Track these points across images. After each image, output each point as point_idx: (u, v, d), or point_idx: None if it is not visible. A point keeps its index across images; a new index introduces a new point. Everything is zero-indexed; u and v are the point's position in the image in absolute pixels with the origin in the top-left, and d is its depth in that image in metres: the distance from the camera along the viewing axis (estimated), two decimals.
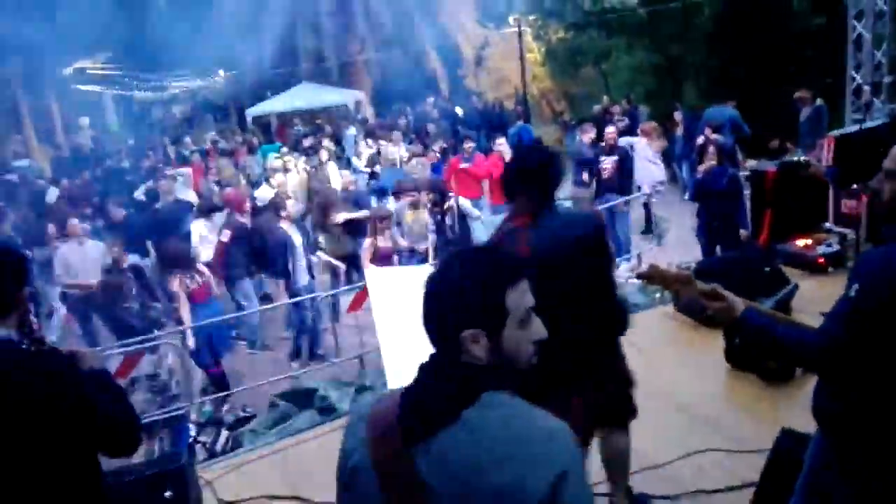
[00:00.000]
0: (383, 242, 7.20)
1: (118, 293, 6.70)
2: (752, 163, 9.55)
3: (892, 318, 1.81)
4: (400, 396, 1.41)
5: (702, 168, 7.65)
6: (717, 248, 7.42)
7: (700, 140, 9.52)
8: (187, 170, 12.14)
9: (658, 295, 6.32)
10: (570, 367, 2.67)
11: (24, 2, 17.39)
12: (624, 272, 8.38)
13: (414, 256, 7.75)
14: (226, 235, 7.86)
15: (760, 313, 2.06)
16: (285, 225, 7.60)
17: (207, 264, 7.15)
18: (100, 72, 22.58)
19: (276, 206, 7.87)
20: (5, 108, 19.18)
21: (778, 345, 2.00)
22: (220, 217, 8.30)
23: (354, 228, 8.13)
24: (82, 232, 7.74)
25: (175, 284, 6.41)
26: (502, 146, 9.71)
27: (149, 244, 8.35)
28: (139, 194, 10.42)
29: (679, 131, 12.07)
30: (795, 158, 7.16)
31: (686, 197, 8.99)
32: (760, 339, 2.04)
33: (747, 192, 7.23)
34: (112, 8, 17.71)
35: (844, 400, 1.98)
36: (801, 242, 6.31)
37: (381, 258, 7.07)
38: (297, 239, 7.53)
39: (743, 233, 7.10)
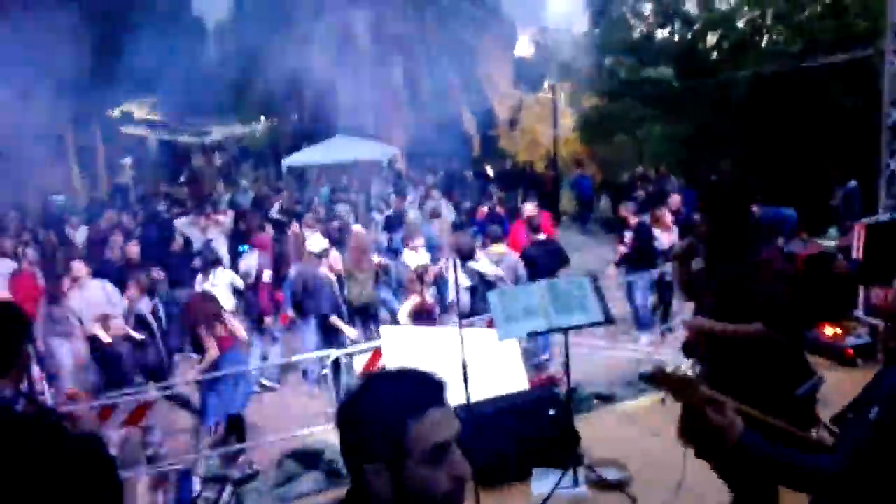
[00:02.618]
0: (426, 299, 7.13)
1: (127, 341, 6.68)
2: (780, 242, 9.39)
3: None
4: None
5: None
6: None
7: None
8: (224, 217, 12.31)
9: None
10: None
11: (79, 40, 18.23)
12: (644, 345, 8.25)
13: (445, 312, 7.67)
14: (267, 275, 8.11)
15: (760, 437, 1.92)
16: (327, 271, 7.71)
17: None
18: (146, 116, 23.40)
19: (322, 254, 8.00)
20: (53, 141, 19.86)
21: (786, 471, 1.87)
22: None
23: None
24: (83, 275, 7.50)
25: (206, 340, 6.14)
26: (531, 210, 9.67)
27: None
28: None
29: None
30: (827, 242, 7.05)
31: None
32: (765, 464, 1.93)
33: None
34: (161, 54, 18.44)
35: None
36: (829, 331, 6.13)
37: (425, 315, 6.99)
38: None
39: None
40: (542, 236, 8.66)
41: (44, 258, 9.60)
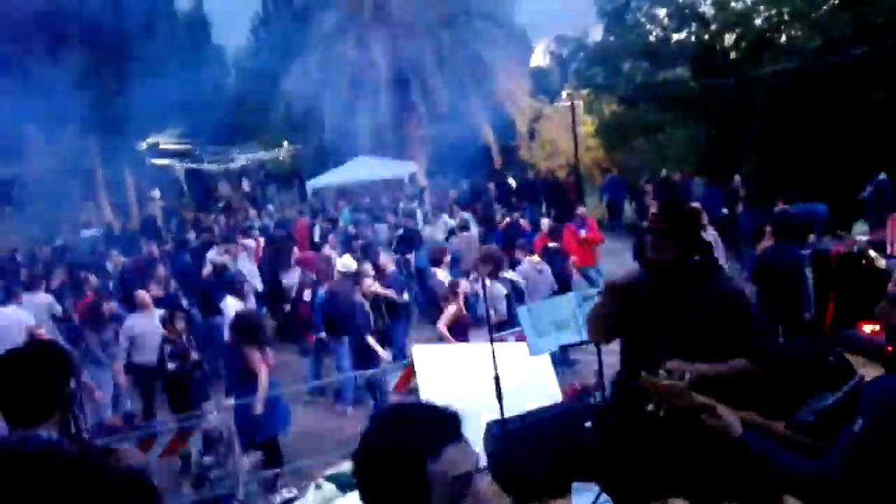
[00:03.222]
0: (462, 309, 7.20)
1: (184, 360, 6.81)
2: (811, 238, 9.22)
3: None
4: None
5: (759, 247, 7.47)
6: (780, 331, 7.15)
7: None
8: (252, 242, 12.48)
9: None
10: None
11: (103, 76, 18.69)
12: None
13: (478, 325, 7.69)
14: (307, 295, 8.20)
15: (759, 437, 2.01)
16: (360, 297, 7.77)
17: None
18: (172, 146, 23.83)
19: (358, 275, 8.10)
20: (82, 176, 20.29)
21: (776, 473, 1.92)
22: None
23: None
24: (148, 302, 7.73)
25: (256, 360, 6.14)
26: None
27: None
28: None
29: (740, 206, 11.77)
30: (859, 237, 6.93)
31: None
32: (764, 464, 1.96)
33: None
34: (184, 83, 18.82)
35: None
36: (867, 328, 6.00)
37: (462, 326, 7.05)
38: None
39: (806, 315, 6.83)
40: (553, 245, 8.79)
41: (80, 290, 9.80)
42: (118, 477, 2.24)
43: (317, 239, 12.78)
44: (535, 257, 8.56)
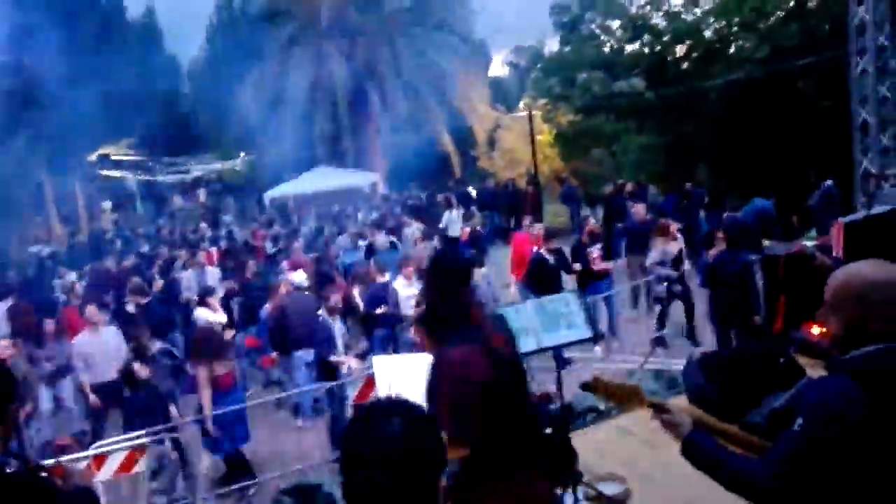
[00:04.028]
0: None
1: (142, 382, 6.62)
2: (765, 243, 9.43)
3: (836, 455, 1.72)
4: None
5: (711, 253, 7.63)
6: (732, 335, 7.32)
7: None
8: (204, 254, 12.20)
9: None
10: None
11: (52, 87, 18.20)
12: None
13: None
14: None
15: (707, 436, 2.04)
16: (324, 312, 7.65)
17: None
18: (124, 157, 23.32)
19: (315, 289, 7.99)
20: (29, 191, 19.69)
21: (722, 473, 1.95)
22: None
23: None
24: (98, 319, 7.46)
25: (201, 373, 6.14)
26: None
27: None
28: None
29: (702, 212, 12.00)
30: (807, 242, 7.11)
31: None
32: (706, 464, 2.00)
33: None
34: (137, 96, 18.45)
35: None
36: (815, 330, 6.13)
37: None
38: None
39: (756, 319, 6.99)
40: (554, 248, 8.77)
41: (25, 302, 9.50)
42: (64, 496, 2.18)
43: (270, 251, 12.60)
44: (484, 269, 8.49)
